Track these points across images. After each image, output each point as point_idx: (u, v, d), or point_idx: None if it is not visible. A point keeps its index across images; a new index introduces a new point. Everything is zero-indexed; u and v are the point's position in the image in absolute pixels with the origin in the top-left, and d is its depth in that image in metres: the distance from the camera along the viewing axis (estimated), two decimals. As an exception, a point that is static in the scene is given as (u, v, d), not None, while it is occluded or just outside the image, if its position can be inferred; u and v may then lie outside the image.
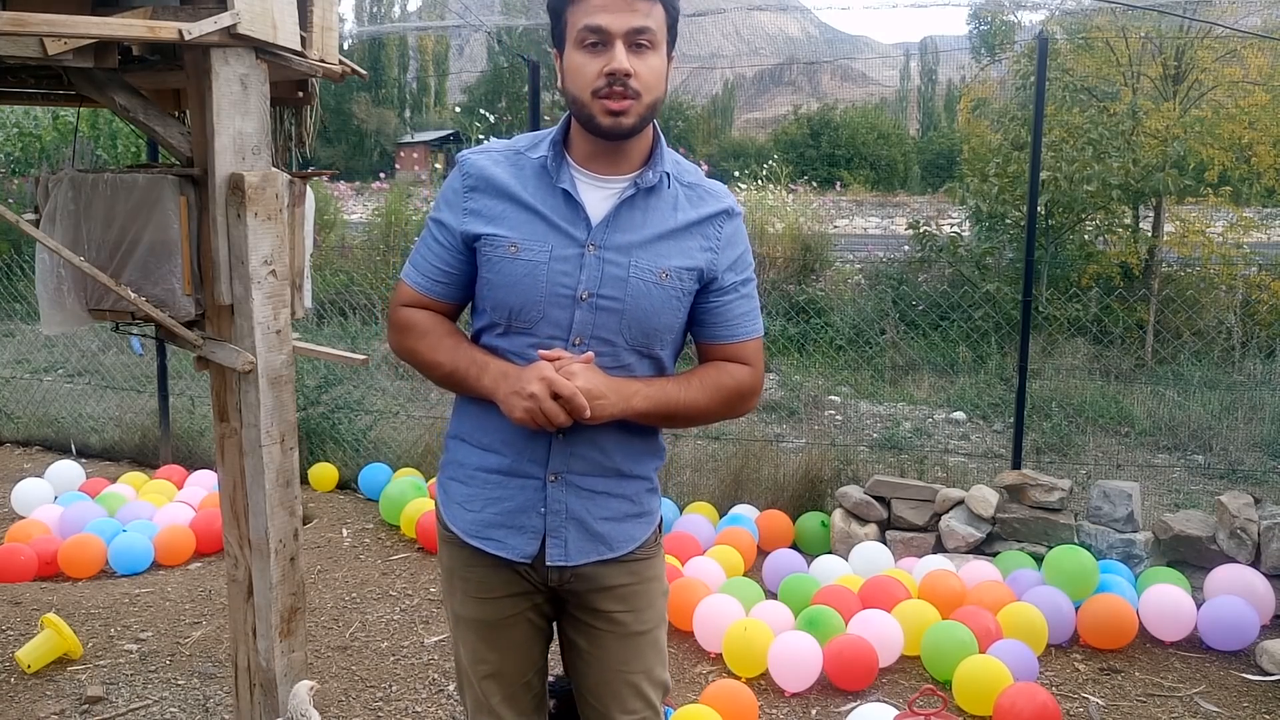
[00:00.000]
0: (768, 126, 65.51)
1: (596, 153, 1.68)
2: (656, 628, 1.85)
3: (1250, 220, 9.40)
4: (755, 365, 1.80)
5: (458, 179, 1.74)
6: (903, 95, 71.54)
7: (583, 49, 1.59)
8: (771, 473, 5.10)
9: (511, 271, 1.66)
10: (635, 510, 1.79)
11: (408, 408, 6.91)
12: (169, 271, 2.23)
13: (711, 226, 1.74)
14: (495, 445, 1.73)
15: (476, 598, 1.80)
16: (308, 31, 2.36)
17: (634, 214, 1.69)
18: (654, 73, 1.62)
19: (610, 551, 1.77)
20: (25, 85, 2.68)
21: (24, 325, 9.40)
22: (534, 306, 1.66)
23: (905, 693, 3.35)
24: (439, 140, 42.27)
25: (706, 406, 1.75)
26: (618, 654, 1.80)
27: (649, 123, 1.66)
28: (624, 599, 1.80)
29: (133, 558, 4.33)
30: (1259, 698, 3.36)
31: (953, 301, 8.36)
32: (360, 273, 10.35)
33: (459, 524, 1.78)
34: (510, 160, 1.72)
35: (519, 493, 1.72)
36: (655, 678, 1.85)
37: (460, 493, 1.78)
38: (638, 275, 1.67)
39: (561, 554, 1.73)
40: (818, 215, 12.09)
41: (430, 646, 3.68)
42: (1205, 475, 5.92)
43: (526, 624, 1.83)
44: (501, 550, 1.74)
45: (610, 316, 1.67)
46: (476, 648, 1.82)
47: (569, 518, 1.73)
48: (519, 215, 1.68)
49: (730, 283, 1.75)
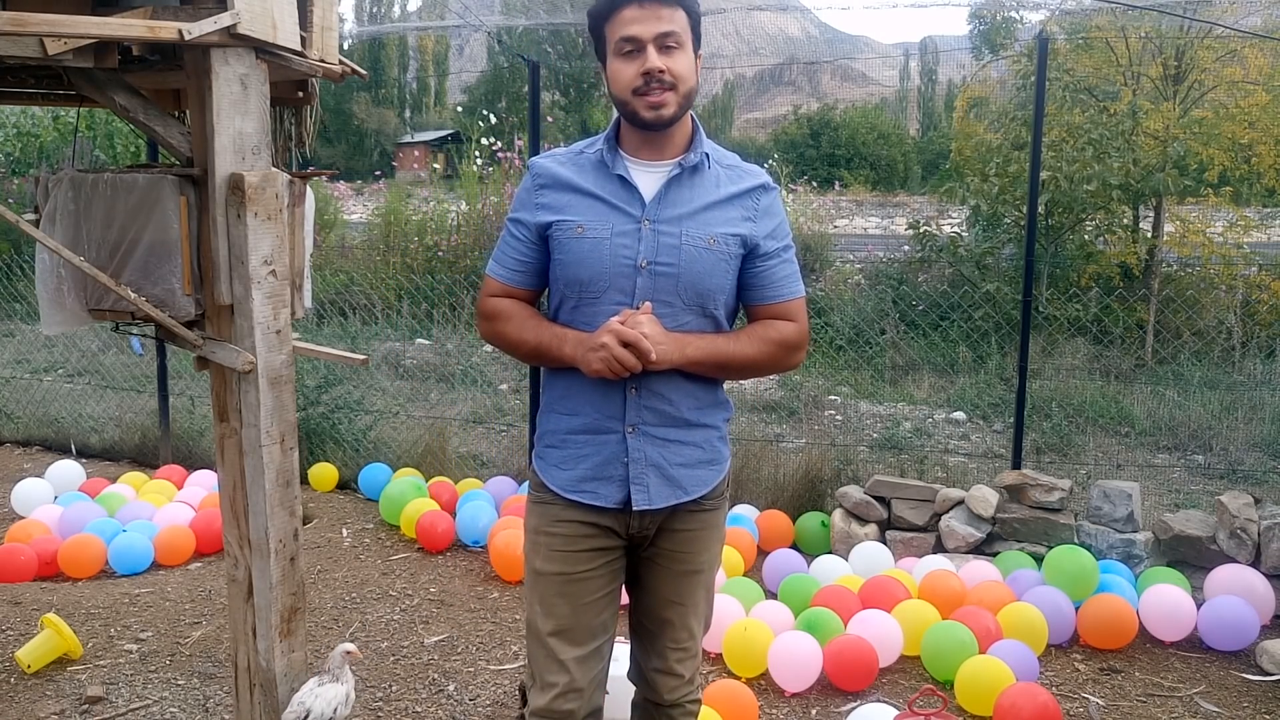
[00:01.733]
0: (768, 126, 65.53)
1: (643, 142, 1.96)
2: (709, 570, 2.10)
3: (1250, 220, 9.40)
4: (800, 321, 2.02)
5: (529, 180, 2.02)
6: (903, 95, 71.48)
7: (621, 57, 1.88)
8: (771, 473, 5.10)
9: (579, 249, 1.92)
10: (707, 457, 2.02)
11: (408, 408, 6.91)
12: (169, 271, 2.22)
13: (750, 198, 1.99)
14: (579, 408, 1.97)
15: (561, 551, 2.00)
16: (308, 31, 2.36)
17: (681, 191, 1.95)
18: (684, 66, 1.88)
19: (686, 495, 2.00)
20: (25, 85, 2.68)
21: (24, 325, 9.40)
22: (601, 277, 1.91)
23: (905, 693, 3.35)
24: (439, 140, 42.23)
25: (755, 356, 1.98)
26: (672, 585, 2.06)
27: (687, 111, 1.93)
28: (688, 540, 2.04)
29: (133, 558, 4.33)
30: (1259, 698, 3.36)
31: (953, 301, 8.36)
32: (360, 273, 10.35)
33: (557, 482, 2.01)
34: (571, 160, 2.00)
35: (604, 447, 1.96)
36: (700, 612, 2.10)
37: (555, 456, 2.02)
38: (689, 243, 1.91)
39: (645, 498, 1.96)
40: (818, 215, 12.10)
41: (430, 646, 3.68)
42: (1205, 475, 5.92)
43: (600, 580, 2.02)
44: (595, 499, 1.97)
45: (667, 280, 1.91)
46: (553, 603, 2.00)
47: (648, 465, 1.96)
48: (583, 202, 1.95)
49: (772, 249, 1.99)
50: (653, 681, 2.12)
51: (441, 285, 9.44)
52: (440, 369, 8.26)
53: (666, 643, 2.08)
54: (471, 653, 3.64)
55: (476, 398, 7.44)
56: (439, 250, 10.69)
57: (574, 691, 1.97)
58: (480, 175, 11.60)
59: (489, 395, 7.53)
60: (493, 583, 4.30)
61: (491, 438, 6.46)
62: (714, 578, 2.14)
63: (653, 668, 2.11)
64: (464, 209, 11.44)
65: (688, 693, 2.12)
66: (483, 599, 4.12)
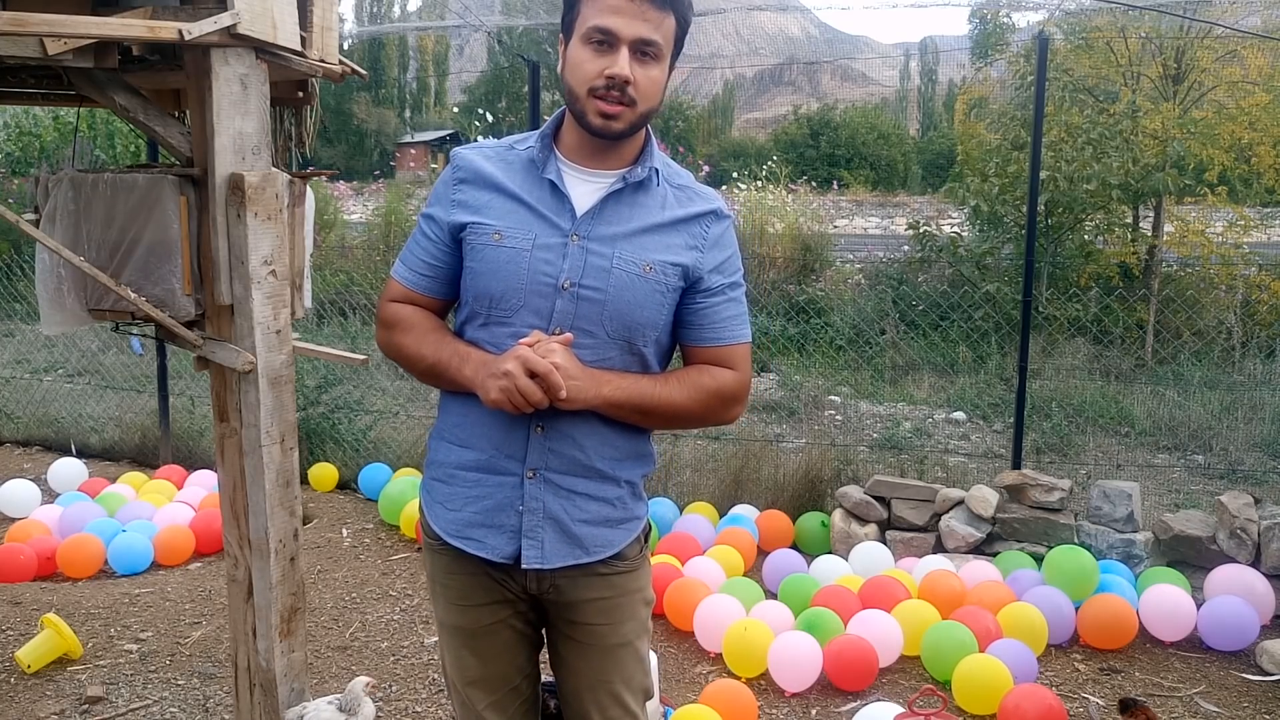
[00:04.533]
0: (768, 126, 65.44)
1: (585, 147, 1.70)
2: (637, 639, 1.83)
3: (1250, 220, 9.40)
4: (741, 370, 1.76)
5: (449, 173, 1.76)
6: (903, 95, 71.48)
7: (589, 45, 1.61)
8: (771, 473, 5.10)
9: (494, 258, 1.66)
10: (616, 515, 1.76)
11: (408, 408, 6.91)
12: (169, 271, 2.22)
13: (698, 225, 1.73)
14: (474, 440, 1.72)
15: (458, 605, 1.79)
16: (308, 31, 2.36)
17: (620, 208, 1.70)
18: (653, 83, 1.64)
19: (586, 555, 1.73)
20: (25, 85, 2.68)
21: (24, 325, 9.40)
22: (515, 294, 1.66)
23: (905, 693, 3.34)
24: (439, 140, 42.22)
25: (685, 405, 1.71)
26: (597, 664, 1.79)
27: (639, 129, 1.69)
28: (603, 611, 1.77)
29: (132, 558, 4.33)
30: (1259, 698, 3.36)
31: (953, 301, 8.36)
32: (360, 273, 10.34)
33: (440, 524, 1.77)
34: (500, 155, 1.75)
35: (497, 490, 1.70)
36: (635, 685, 1.83)
37: (441, 492, 1.77)
38: (621, 267, 1.66)
39: (538, 555, 1.70)
40: (818, 215, 12.09)
41: (430, 646, 3.68)
42: (1205, 475, 5.92)
43: (509, 631, 1.81)
44: (481, 550, 1.71)
45: (592, 307, 1.66)
46: (459, 654, 1.82)
47: (546, 517, 1.69)
48: (504, 204, 1.69)
49: (717, 285, 1.74)
50: None
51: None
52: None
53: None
54: (471, 653, 3.64)
55: (476, 398, 7.43)
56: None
57: None
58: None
59: (489, 395, 7.52)
60: (493, 583, 4.30)
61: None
62: (646, 645, 1.86)
63: None
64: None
65: None
66: (483, 599, 4.12)
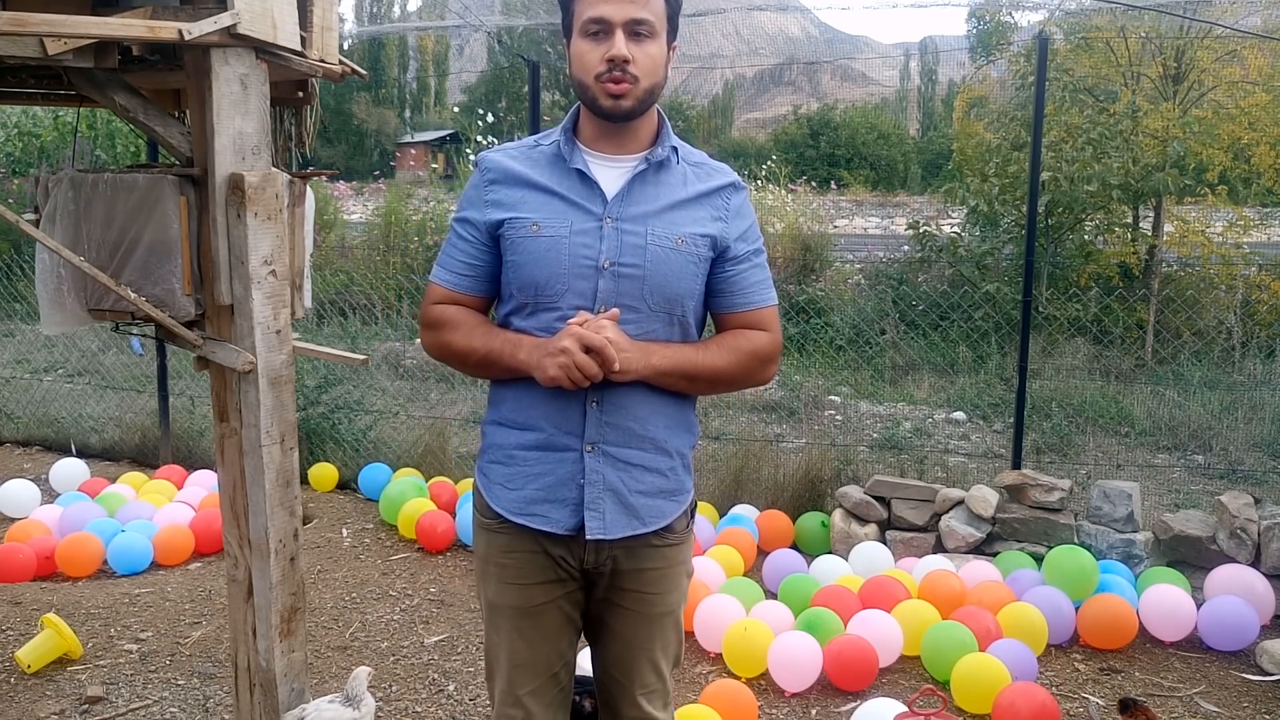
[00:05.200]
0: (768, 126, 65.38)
1: (604, 134, 1.82)
2: (678, 608, 1.95)
3: (1250, 220, 9.40)
4: (773, 331, 1.89)
5: (477, 176, 1.87)
6: (903, 95, 71.43)
7: (587, 37, 1.74)
8: (771, 473, 5.09)
9: (535, 248, 1.77)
10: (669, 486, 1.87)
11: (408, 408, 6.91)
12: (169, 271, 2.22)
13: (720, 197, 1.86)
14: (533, 421, 1.81)
15: (512, 584, 1.86)
16: (308, 31, 2.36)
17: (646, 188, 1.81)
18: (651, 59, 1.75)
19: (643, 526, 1.83)
20: (25, 85, 2.68)
21: (24, 325, 9.40)
22: (559, 278, 1.76)
23: (905, 693, 3.34)
24: (439, 140, 42.19)
25: (726, 368, 1.83)
26: (643, 631, 1.90)
27: (649, 106, 1.80)
28: (653, 581, 1.88)
29: (132, 558, 4.32)
30: (1259, 698, 3.36)
31: (953, 301, 8.36)
32: (360, 273, 10.34)
33: (501, 504, 1.85)
34: (525, 153, 1.86)
35: (558, 466, 1.80)
36: (670, 653, 1.95)
37: (500, 474, 1.85)
38: (655, 242, 1.78)
39: (600, 526, 1.79)
40: (817, 215, 12.09)
41: (430, 646, 3.68)
42: (1205, 475, 5.92)
43: (557, 613, 1.88)
44: (545, 524, 1.81)
45: (632, 283, 1.77)
46: (509, 636, 1.88)
47: (606, 489, 1.79)
48: (537, 198, 1.80)
49: (743, 252, 1.86)
50: None
51: (441, 285, 9.42)
52: (440, 369, 8.25)
53: (637, 690, 1.93)
54: (471, 653, 3.64)
55: (476, 398, 7.43)
56: (439, 250, 10.68)
57: None
58: (480, 175, 11.58)
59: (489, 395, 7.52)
60: (493, 583, 4.29)
61: (491, 438, 6.44)
62: (683, 612, 2.00)
63: (628, 717, 1.95)
64: (464, 209, 11.43)
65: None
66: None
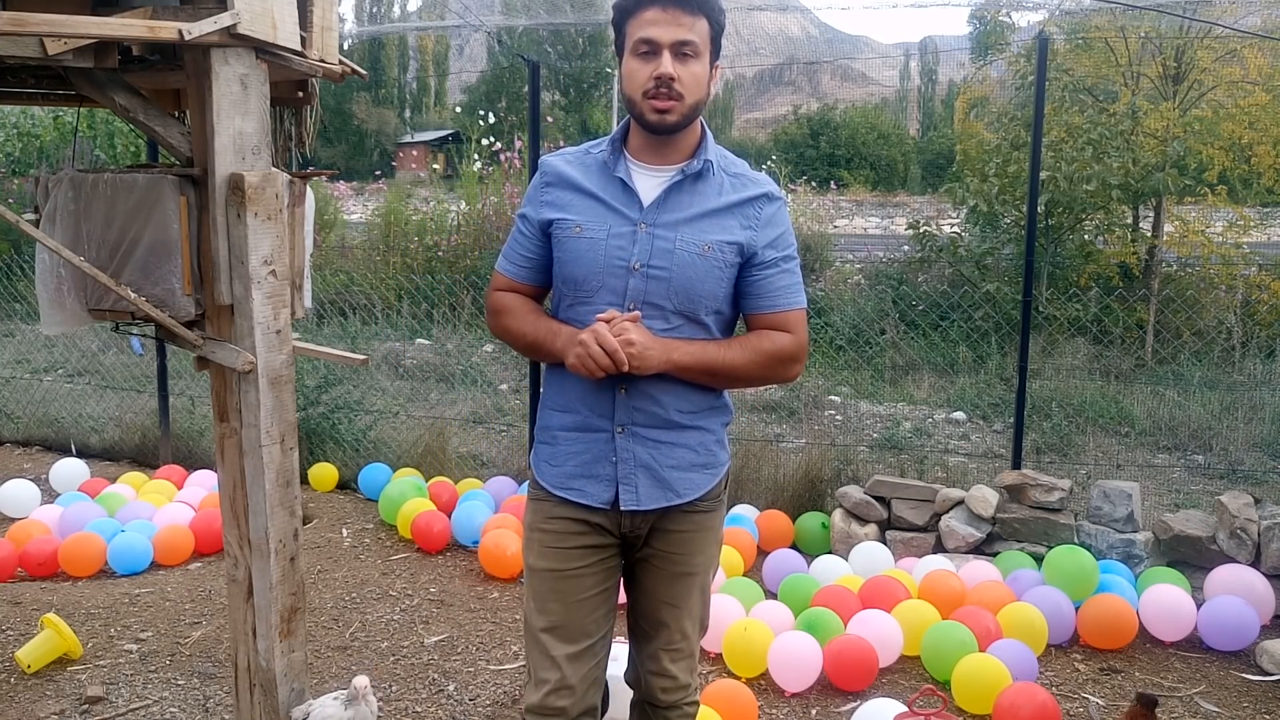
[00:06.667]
0: (768, 126, 65.38)
1: (649, 146, 1.99)
2: (704, 572, 2.11)
3: (1250, 220, 9.40)
4: (797, 333, 2.01)
5: (537, 178, 2.07)
6: (903, 95, 71.43)
7: (637, 57, 1.90)
8: (771, 473, 5.09)
9: (576, 248, 1.96)
10: (700, 460, 2.03)
11: (408, 408, 6.92)
12: (169, 271, 2.22)
13: (751, 208, 2.00)
14: (570, 404, 2.01)
15: (553, 548, 2.03)
16: (308, 31, 2.36)
17: (681, 196, 1.97)
18: (695, 78, 1.91)
19: (677, 497, 2.01)
20: (25, 85, 2.68)
21: (24, 325, 9.40)
22: (594, 276, 1.95)
23: (905, 693, 3.34)
24: (439, 140, 42.18)
25: (745, 366, 1.97)
26: (665, 587, 2.08)
27: (691, 121, 1.95)
28: (679, 542, 2.05)
29: (132, 558, 4.32)
30: (1259, 698, 3.36)
31: (953, 301, 8.36)
32: (360, 273, 10.35)
33: (547, 479, 2.05)
34: (578, 159, 2.05)
35: (592, 445, 1.99)
36: (694, 615, 2.11)
37: (546, 452, 2.06)
38: (683, 248, 1.93)
39: (633, 498, 1.98)
40: (818, 215, 12.10)
41: (430, 646, 3.68)
42: (1205, 475, 5.92)
43: (593, 578, 2.04)
44: (582, 498, 2.00)
45: (659, 284, 1.93)
46: (545, 599, 2.03)
47: (637, 465, 1.98)
48: (583, 202, 1.99)
49: (770, 258, 1.99)
50: (648, 684, 2.13)
51: (441, 285, 9.44)
52: (440, 369, 8.26)
53: (661, 645, 2.10)
54: (471, 653, 3.64)
55: (476, 398, 7.44)
56: (439, 250, 10.70)
57: (566, 689, 2.00)
58: (480, 175, 11.60)
59: (489, 395, 7.53)
60: (492, 583, 4.30)
61: (491, 438, 6.45)
62: (710, 580, 2.15)
63: (648, 670, 2.13)
64: (464, 209, 11.45)
65: (684, 695, 2.13)
66: (482, 599, 4.12)
